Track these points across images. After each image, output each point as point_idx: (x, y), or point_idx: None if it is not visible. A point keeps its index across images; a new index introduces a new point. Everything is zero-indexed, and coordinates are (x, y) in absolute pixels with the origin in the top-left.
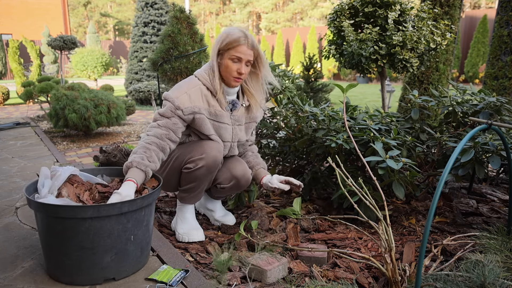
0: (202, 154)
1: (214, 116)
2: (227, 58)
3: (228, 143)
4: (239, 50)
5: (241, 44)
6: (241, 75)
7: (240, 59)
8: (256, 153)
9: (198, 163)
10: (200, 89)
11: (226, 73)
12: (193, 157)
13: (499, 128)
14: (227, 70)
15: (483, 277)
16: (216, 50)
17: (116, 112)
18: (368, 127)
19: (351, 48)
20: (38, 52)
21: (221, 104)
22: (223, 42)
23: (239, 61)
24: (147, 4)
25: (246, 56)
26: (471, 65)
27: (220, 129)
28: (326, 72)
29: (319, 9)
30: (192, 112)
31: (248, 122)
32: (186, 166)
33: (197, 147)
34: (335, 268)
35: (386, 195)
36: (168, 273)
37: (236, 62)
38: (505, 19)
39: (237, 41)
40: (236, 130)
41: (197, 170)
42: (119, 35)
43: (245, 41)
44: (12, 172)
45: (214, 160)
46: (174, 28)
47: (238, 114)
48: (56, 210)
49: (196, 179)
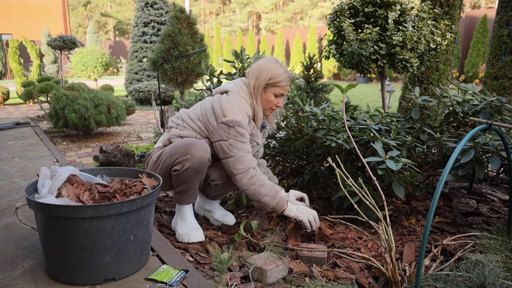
0: (187, 154)
1: (252, 136)
2: (271, 93)
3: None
4: (285, 89)
5: (287, 84)
6: (277, 108)
7: (282, 95)
8: (266, 168)
9: (185, 164)
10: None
11: (266, 105)
12: (179, 158)
13: (499, 128)
14: (269, 103)
15: (483, 277)
16: (263, 83)
17: (116, 112)
18: (368, 127)
19: (351, 48)
20: (38, 52)
21: (257, 124)
22: (272, 79)
23: (281, 96)
24: (147, 4)
25: (286, 92)
26: (471, 65)
27: (253, 148)
28: (326, 72)
29: (319, 9)
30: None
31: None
32: (174, 168)
33: (182, 147)
34: (335, 268)
35: (386, 195)
36: (168, 273)
37: (278, 97)
38: (505, 19)
39: (285, 81)
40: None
41: (184, 172)
42: (119, 35)
43: (289, 81)
44: (12, 172)
45: (200, 160)
46: (174, 28)
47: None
48: (56, 210)
49: (186, 180)
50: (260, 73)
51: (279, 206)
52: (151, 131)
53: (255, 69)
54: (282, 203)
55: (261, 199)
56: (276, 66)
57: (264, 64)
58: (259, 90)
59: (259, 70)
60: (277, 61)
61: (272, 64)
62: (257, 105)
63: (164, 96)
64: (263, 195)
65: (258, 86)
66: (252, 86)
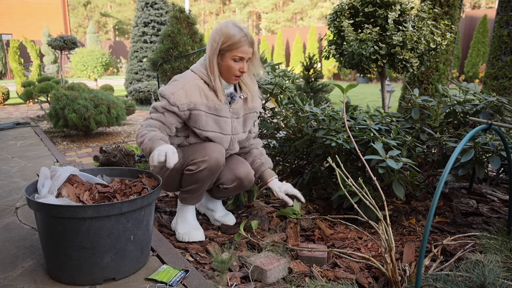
0: (205, 156)
1: (214, 110)
2: (229, 58)
3: (228, 136)
4: (241, 51)
5: (244, 45)
6: (242, 74)
7: (242, 59)
8: (261, 149)
9: (201, 165)
10: (197, 84)
11: (227, 73)
12: (196, 159)
13: (499, 128)
14: (229, 70)
15: (483, 277)
16: (216, 50)
17: (116, 112)
18: (368, 127)
19: (351, 48)
20: (38, 52)
21: (220, 98)
22: (225, 43)
23: (241, 60)
24: (147, 4)
25: (247, 55)
26: (471, 65)
27: (220, 123)
28: (326, 72)
29: (319, 9)
30: (188, 109)
31: (247, 113)
32: (188, 168)
33: (199, 149)
34: (335, 268)
35: (386, 195)
36: (168, 273)
37: (238, 61)
38: (505, 19)
39: (240, 42)
40: (235, 123)
41: (199, 172)
42: (119, 35)
43: (246, 41)
44: (12, 172)
45: (217, 163)
46: (174, 28)
47: (237, 107)
48: (56, 210)
49: (198, 180)
50: (213, 39)
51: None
52: None
53: (210, 35)
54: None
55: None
56: (228, 27)
57: (217, 28)
58: (214, 58)
59: (212, 36)
60: (233, 23)
61: (224, 26)
62: (212, 74)
63: None
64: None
65: (212, 53)
66: (208, 57)
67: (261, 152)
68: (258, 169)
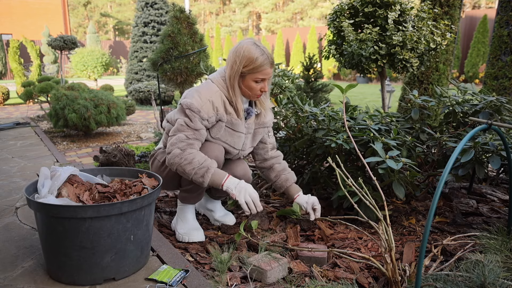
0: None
1: (230, 124)
2: (250, 80)
3: (236, 151)
4: (264, 73)
5: (266, 68)
6: (262, 93)
7: (264, 80)
8: (283, 163)
9: None
10: (221, 97)
11: (249, 92)
12: None
13: (499, 128)
14: (251, 90)
15: (483, 277)
16: (237, 72)
17: (116, 112)
18: (368, 127)
19: (351, 48)
20: (38, 52)
21: (240, 117)
22: (246, 66)
23: (263, 81)
24: (147, 4)
25: (269, 76)
26: (471, 65)
27: (233, 137)
28: (326, 72)
29: (319, 9)
30: (216, 120)
31: (258, 128)
32: None
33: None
34: (335, 268)
35: (386, 195)
36: (168, 273)
37: (259, 82)
38: (505, 19)
39: (262, 66)
40: (247, 139)
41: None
42: (119, 35)
43: (268, 63)
44: (12, 172)
45: (216, 161)
46: (174, 28)
47: (250, 122)
48: (56, 210)
49: None
50: (234, 61)
51: (215, 183)
52: (151, 131)
53: (230, 56)
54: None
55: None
56: (251, 50)
57: (238, 50)
58: (236, 79)
59: (233, 58)
60: (253, 44)
61: (246, 48)
62: (234, 95)
63: (164, 96)
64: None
65: (233, 75)
66: (228, 76)
67: (283, 167)
68: (283, 185)
